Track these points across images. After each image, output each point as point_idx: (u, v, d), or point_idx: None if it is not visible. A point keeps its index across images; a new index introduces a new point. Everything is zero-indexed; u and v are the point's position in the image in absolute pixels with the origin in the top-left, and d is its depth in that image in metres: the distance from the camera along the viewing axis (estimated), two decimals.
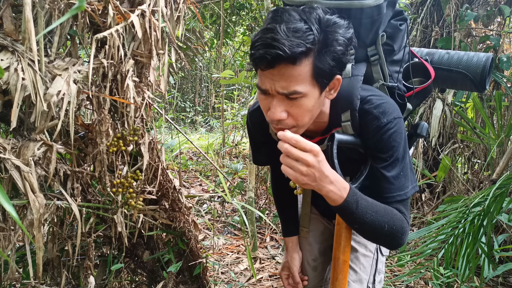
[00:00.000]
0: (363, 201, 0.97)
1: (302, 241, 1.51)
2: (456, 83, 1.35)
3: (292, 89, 0.90)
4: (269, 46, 0.85)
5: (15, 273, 1.29)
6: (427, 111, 3.45)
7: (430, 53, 1.37)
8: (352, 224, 1.02)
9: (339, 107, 1.06)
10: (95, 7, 1.29)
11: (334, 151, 1.03)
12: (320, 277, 1.50)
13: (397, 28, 1.15)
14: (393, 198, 1.03)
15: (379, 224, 0.98)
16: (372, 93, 1.06)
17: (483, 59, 1.28)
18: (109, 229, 1.66)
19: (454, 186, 3.54)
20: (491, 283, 2.56)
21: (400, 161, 1.04)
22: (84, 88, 1.27)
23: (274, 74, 0.89)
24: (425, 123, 1.24)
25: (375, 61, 1.13)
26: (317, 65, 0.90)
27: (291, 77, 0.89)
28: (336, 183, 0.92)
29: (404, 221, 1.03)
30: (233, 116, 6.33)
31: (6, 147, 1.15)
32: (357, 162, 1.13)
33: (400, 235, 1.02)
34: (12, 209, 0.62)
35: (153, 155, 1.59)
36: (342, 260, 1.10)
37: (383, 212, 0.99)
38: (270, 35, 0.85)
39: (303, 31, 0.86)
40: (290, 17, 0.88)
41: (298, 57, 0.86)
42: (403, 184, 1.04)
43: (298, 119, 0.96)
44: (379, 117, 1.02)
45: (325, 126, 1.12)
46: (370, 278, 1.33)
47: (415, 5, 3.83)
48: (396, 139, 1.02)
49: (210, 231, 3.39)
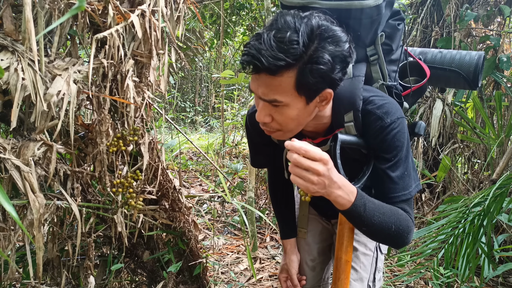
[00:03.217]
0: (370, 204, 0.97)
1: (300, 241, 1.51)
2: (449, 81, 1.36)
3: (272, 97, 0.92)
4: (251, 54, 0.87)
5: (15, 273, 1.28)
6: (427, 111, 3.45)
7: (423, 52, 1.38)
8: (360, 227, 1.02)
9: (342, 108, 1.06)
10: (95, 7, 1.29)
11: (337, 152, 1.03)
12: (319, 277, 1.50)
13: (395, 28, 1.16)
14: (398, 198, 1.04)
15: (387, 225, 0.99)
16: (374, 93, 1.07)
17: (475, 57, 1.29)
18: (109, 229, 1.66)
19: (454, 186, 3.54)
20: (491, 283, 2.56)
21: (403, 160, 1.04)
22: (84, 88, 1.27)
23: (258, 79, 0.91)
24: (423, 122, 1.25)
25: (374, 60, 1.14)
26: (299, 79, 0.89)
27: (271, 86, 0.90)
28: (344, 188, 0.92)
29: (409, 221, 1.04)
30: (233, 116, 6.33)
31: (6, 147, 1.15)
32: (359, 162, 1.13)
33: (406, 235, 1.03)
34: (12, 209, 0.62)
35: (153, 155, 1.59)
36: (345, 260, 1.10)
37: (390, 213, 1.00)
38: (255, 43, 0.87)
39: (289, 43, 0.85)
40: (284, 25, 0.87)
41: (277, 70, 0.87)
42: (407, 183, 1.05)
43: (282, 124, 0.98)
44: (382, 117, 1.02)
45: (326, 127, 1.12)
46: (371, 277, 1.34)
47: (415, 5, 3.82)
48: (400, 139, 1.03)
49: (210, 231, 3.39)
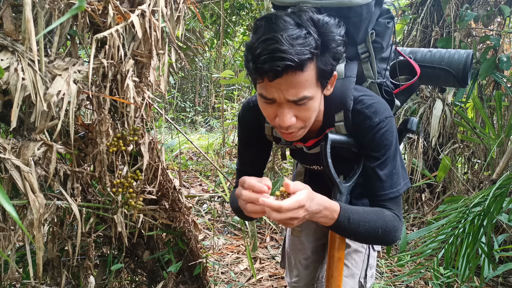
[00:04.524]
0: (354, 215, 0.99)
1: (294, 240, 1.53)
2: (439, 79, 1.38)
3: (302, 95, 0.91)
4: (277, 57, 0.84)
5: (15, 273, 1.29)
6: (427, 111, 3.44)
7: (413, 51, 1.41)
8: (347, 237, 1.06)
9: (333, 108, 1.08)
10: (95, 7, 1.29)
11: (327, 151, 1.06)
12: (312, 275, 1.52)
13: (385, 26, 1.18)
14: (386, 195, 1.06)
15: (373, 231, 1.02)
16: (364, 93, 1.09)
17: (464, 55, 1.32)
18: (109, 229, 1.66)
19: (454, 186, 3.54)
20: (491, 283, 2.56)
21: (392, 159, 1.06)
22: (84, 88, 1.27)
23: (281, 83, 0.89)
24: (415, 118, 1.27)
25: (365, 58, 1.16)
26: (320, 67, 0.92)
27: (300, 84, 0.89)
28: (325, 211, 0.94)
29: (396, 220, 1.06)
30: (233, 116, 6.34)
31: (6, 147, 1.15)
32: (350, 161, 1.16)
33: (394, 233, 1.05)
34: (12, 209, 0.62)
35: (153, 155, 1.59)
36: (337, 258, 1.13)
37: (376, 218, 1.02)
38: (274, 46, 0.84)
39: (304, 37, 0.86)
40: (286, 24, 0.87)
41: (304, 65, 0.87)
42: (396, 181, 1.07)
43: (306, 120, 0.98)
44: (371, 116, 1.04)
45: (319, 125, 1.15)
46: (362, 273, 1.36)
47: (415, 5, 3.82)
48: (388, 137, 1.05)
49: (210, 231, 3.38)
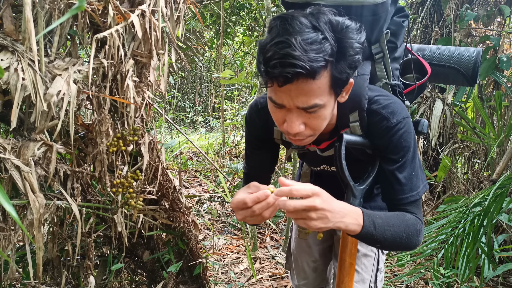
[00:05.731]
0: (378, 220, 0.94)
1: (301, 242, 1.50)
2: (448, 78, 1.34)
3: (312, 103, 0.87)
4: (287, 63, 0.79)
5: (15, 273, 1.29)
6: (427, 111, 3.44)
7: (421, 48, 1.36)
8: (374, 244, 0.99)
9: (347, 108, 1.03)
10: (95, 7, 1.29)
11: (342, 152, 1.01)
12: (321, 278, 1.50)
13: (400, 25, 1.14)
14: (407, 199, 1.01)
15: (398, 236, 0.97)
16: (379, 93, 1.05)
17: (474, 53, 1.28)
18: (109, 229, 1.66)
19: (454, 186, 3.54)
20: (491, 283, 2.56)
21: (411, 161, 1.01)
22: (84, 88, 1.27)
23: (292, 89, 0.84)
24: (426, 120, 1.22)
25: (379, 59, 1.12)
26: (334, 75, 0.86)
27: (311, 91, 0.85)
28: (350, 214, 0.89)
29: (417, 223, 1.01)
30: (233, 116, 6.34)
31: (6, 147, 1.15)
32: (364, 163, 1.11)
33: (416, 237, 1.00)
34: (12, 209, 0.62)
35: (153, 155, 1.59)
36: (349, 263, 1.09)
37: (398, 223, 0.98)
38: (286, 50, 0.79)
39: (319, 42, 0.81)
40: (302, 26, 0.81)
41: (318, 72, 0.82)
42: (415, 184, 1.02)
43: (316, 128, 0.94)
44: (388, 117, 0.99)
45: (331, 128, 1.10)
46: (372, 278, 1.33)
47: (415, 5, 3.82)
48: (407, 139, 1.00)
49: (210, 231, 3.38)
